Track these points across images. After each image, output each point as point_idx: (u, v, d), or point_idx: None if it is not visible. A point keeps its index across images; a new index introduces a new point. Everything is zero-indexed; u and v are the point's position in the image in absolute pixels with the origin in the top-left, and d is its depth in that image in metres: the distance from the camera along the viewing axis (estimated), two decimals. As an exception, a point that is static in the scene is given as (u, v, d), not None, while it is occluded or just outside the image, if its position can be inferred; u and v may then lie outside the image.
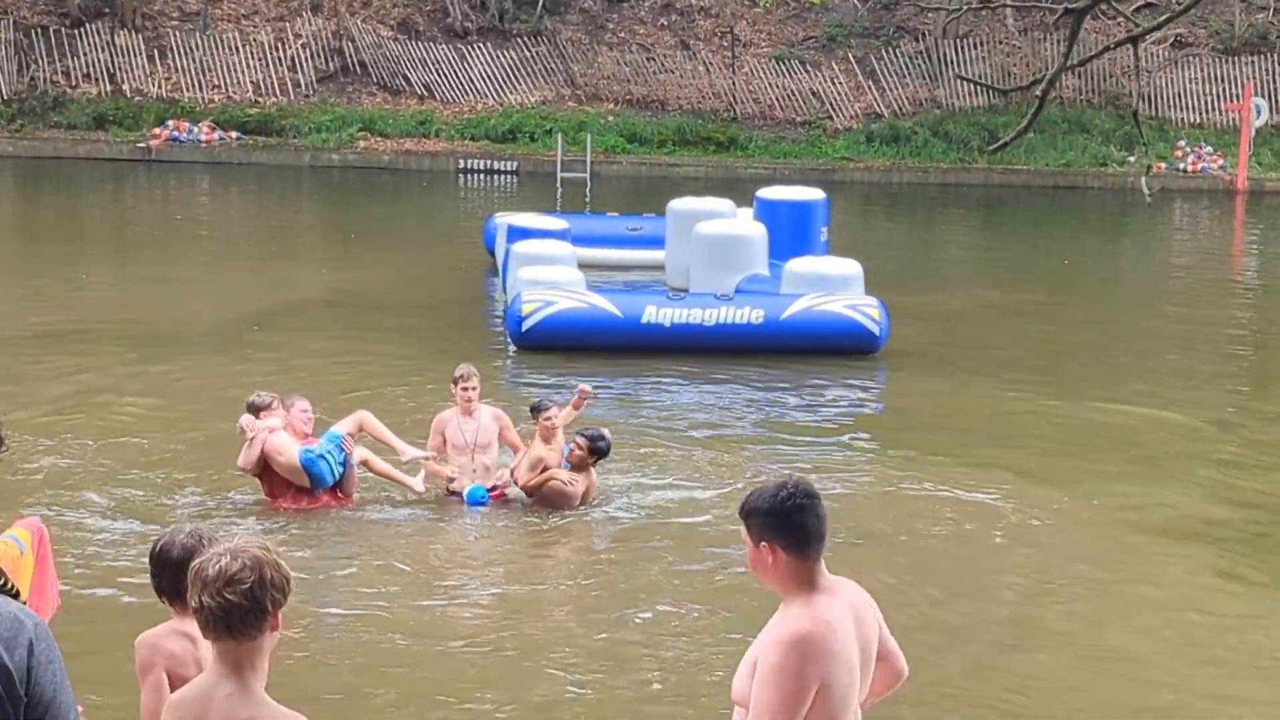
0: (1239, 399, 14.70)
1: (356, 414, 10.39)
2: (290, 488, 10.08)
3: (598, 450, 10.26)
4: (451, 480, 10.53)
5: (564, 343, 15.10)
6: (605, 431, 10.51)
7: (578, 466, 10.28)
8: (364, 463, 10.30)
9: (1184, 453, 12.44)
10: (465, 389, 10.62)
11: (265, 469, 10.11)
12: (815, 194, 18.63)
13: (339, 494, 10.23)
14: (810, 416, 13.46)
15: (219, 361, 14.72)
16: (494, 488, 10.50)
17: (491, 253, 20.71)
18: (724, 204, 19.32)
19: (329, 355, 15.24)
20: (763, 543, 4.10)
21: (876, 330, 15.53)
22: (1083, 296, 20.58)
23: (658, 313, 15.41)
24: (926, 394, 14.27)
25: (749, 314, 15.47)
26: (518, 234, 17.90)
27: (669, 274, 18.85)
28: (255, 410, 10.18)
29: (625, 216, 22.43)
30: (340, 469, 10.13)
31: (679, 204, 19.20)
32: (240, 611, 3.64)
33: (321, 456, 10.02)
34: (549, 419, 10.42)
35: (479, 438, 10.59)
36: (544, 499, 10.31)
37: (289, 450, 10.02)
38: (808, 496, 4.13)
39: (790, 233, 17.74)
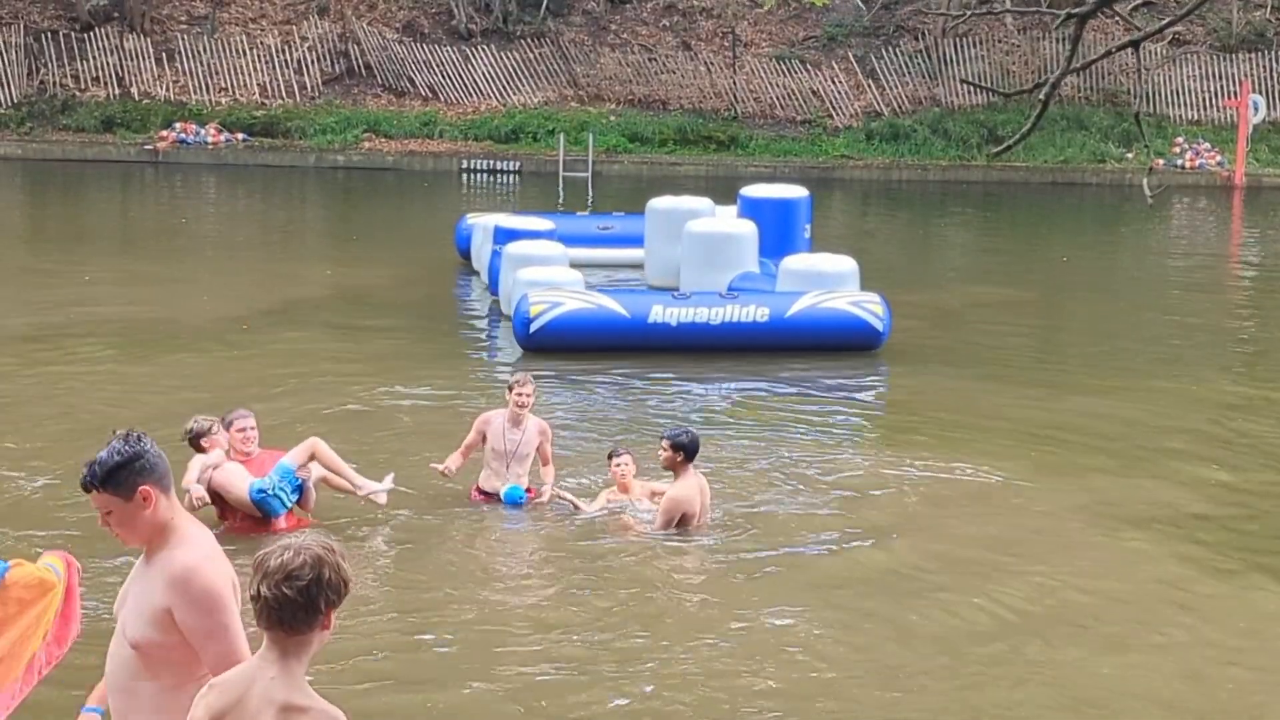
0: (1236, 393, 14.74)
1: (309, 441, 9.95)
2: (246, 516, 9.70)
3: (679, 447, 9.76)
4: (445, 475, 10.49)
5: (571, 344, 15.05)
6: (687, 429, 10.18)
7: (675, 473, 9.84)
8: (323, 480, 9.96)
9: (1179, 447, 12.49)
10: (519, 395, 10.42)
11: (217, 495, 9.69)
12: (799, 191, 18.58)
13: (296, 516, 9.84)
14: (819, 412, 13.49)
15: (211, 360, 14.72)
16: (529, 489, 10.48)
17: (463, 254, 20.56)
18: (703, 202, 19.18)
19: (322, 354, 15.22)
20: (142, 487, 4.28)
21: (880, 326, 15.56)
22: (1081, 292, 20.60)
23: (664, 312, 15.41)
24: (929, 389, 14.30)
25: (754, 312, 15.49)
26: (506, 235, 17.74)
27: (649, 273, 18.82)
28: (196, 437, 9.73)
29: (596, 215, 22.36)
30: (294, 497, 9.76)
31: (658, 203, 19.04)
32: (293, 607, 3.74)
33: (275, 495, 9.64)
34: (620, 465, 10.25)
35: (520, 449, 10.44)
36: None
37: (238, 487, 9.62)
38: (145, 439, 4.43)
39: (774, 230, 17.70)
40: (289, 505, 9.74)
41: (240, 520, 9.70)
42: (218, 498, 9.69)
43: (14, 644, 5.13)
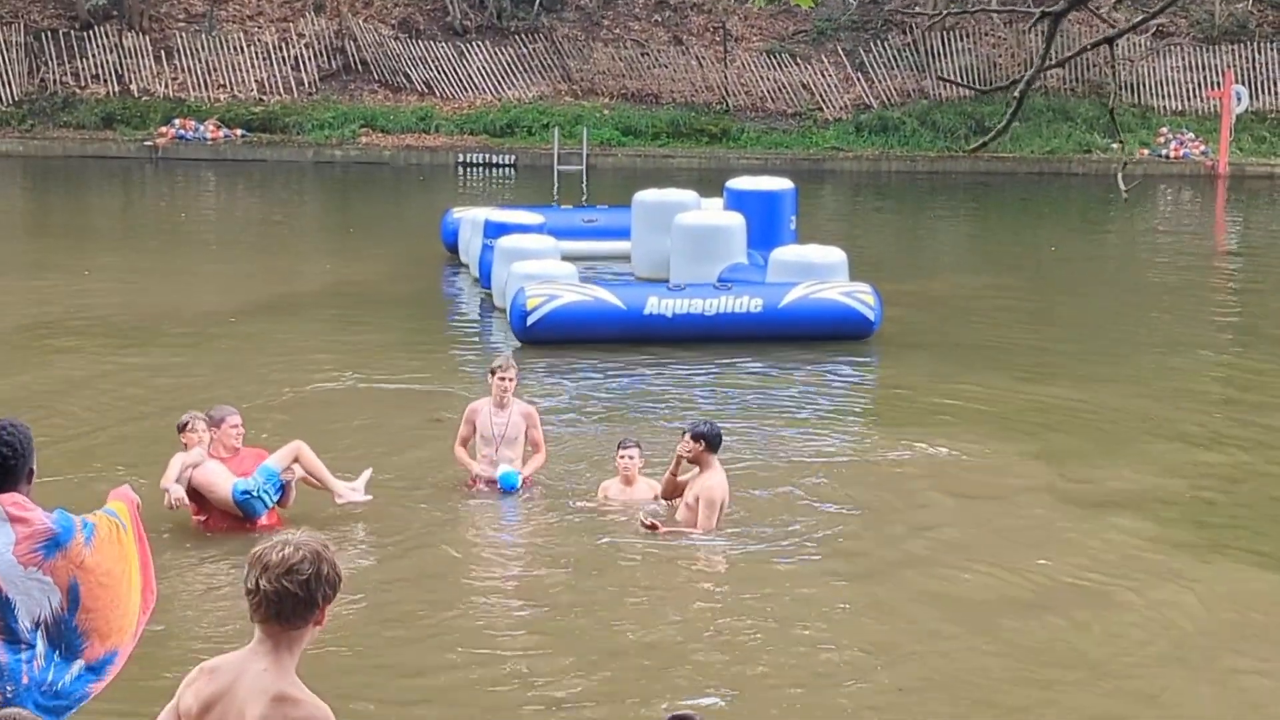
0: (1218, 378, 14.85)
1: (293, 444, 9.84)
2: (224, 513, 9.61)
3: (699, 436, 9.54)
4: (474, 482, 10.50)
5: (568, 336, 15.04)
6: (709, 420, 10.07)
7: (701, 466, 9.66)
8: (303, 480, 9.87)
9: (1162, 431, 12.59)
10: (502, 379, 10.45)
11: (196, 493, 9.60)
12: (783, 184, 18.57)
13: (275, 513, 9.72)
14: (813, 400, 13.57)
15: (204, 353, 14.73)
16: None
17: (450, 248, 20.49)
18: (688, 194, 19.12)
19: (317, 347, 15.22)
20: None
21: (871, 316, 15.59)
22: (1068, 280, 20.63)
23: (659, 304, 15.41)
24: (919, 377, 14.37)
25: (748, 303, 15.49)
26: (497, 229, 17.67)
27: (635, 265, 18.79)
28: (178, 430, 9.70)
29: (580, 209, 22.37)
30: (276, 497, 9.65)
31: (644, 195, 19.00)
32: (293, 601, 3.76)
33: (258, 497, 9.53)
34: (625, 458, 10.13)
35: (508, 432, 10.46)
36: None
37: (220, 487, 9.53)
38: None
39: (760, 222, 17.68)
40: (270, 506, 9.66)
41: (217, 519, 9.63)
42: (196, 495, 9.61)
43: (126, 595, 5.26)
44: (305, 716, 3.78)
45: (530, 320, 15.12)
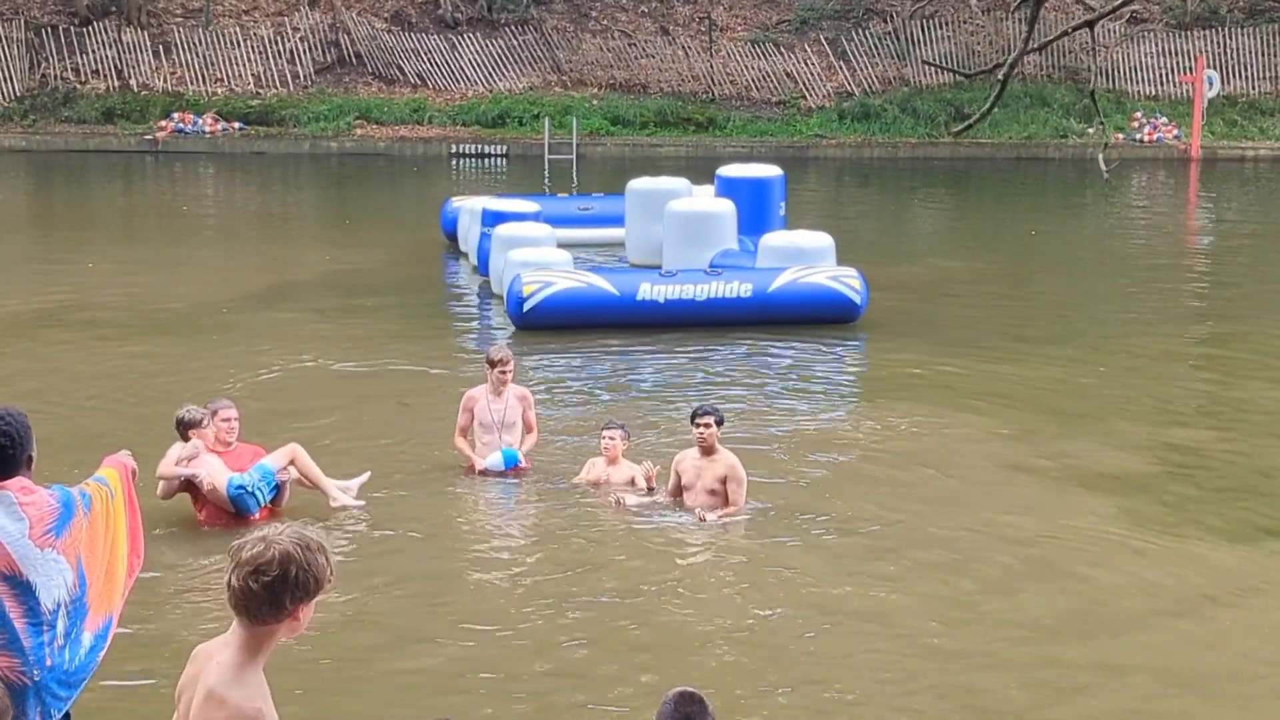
0: (1189, 358, 14.92)
1: (290, 446, 9.75)
2: (219, 508, 9.54)
3: (722, 421, 9.60)
4: (477, 469, 10.50)
5: (563, 322, 15.04)
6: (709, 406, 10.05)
7: (707, 450, 9.63)
8: (298, 482, 9.78)
9: (1135, 409, 12.64)
10: (502, 372, 10.48)
11: (191, 486, 9.54)
12: (773, 170, 18.57)
13: (270, 510, 9.65)
14: (801, 382, 13.61)
15: (205, 343, 14.68)
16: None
17: (450, 236, 20.45)
18: (680, 182, 19.11)
19: (316, 334, 15.18)
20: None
21: (858, 299, 15.61)
22: (1046, 263, 20.66)
23: (652, 289, 15.40)
24: (903, 358, 14.41)
25: (738, 288, 15.50)
26: (494, 218, 17.64)
27: (629, 251, 18.78)
28: (186, 427, 9.59)
29: (576, 197, 22.33)
30: (270, 495, 9.59)
31: (638, 184, 18.99)
32: (258, 600, 3.62)
33: (251, 494, 9.48)
34: (610, 439, 10.13)
35: (506, 418, 10.51)
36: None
37: (216, 480, 9.47)
38: None
39: (750, 208, 17.69)
40: (264, 503, 9.61)
41: (213, 513, 9.56)
42: (190, 488, 9.56)
43: (112, 562, 5.27)
44: (226, 718, 3.64)
45: (527, 306, 15.12)
